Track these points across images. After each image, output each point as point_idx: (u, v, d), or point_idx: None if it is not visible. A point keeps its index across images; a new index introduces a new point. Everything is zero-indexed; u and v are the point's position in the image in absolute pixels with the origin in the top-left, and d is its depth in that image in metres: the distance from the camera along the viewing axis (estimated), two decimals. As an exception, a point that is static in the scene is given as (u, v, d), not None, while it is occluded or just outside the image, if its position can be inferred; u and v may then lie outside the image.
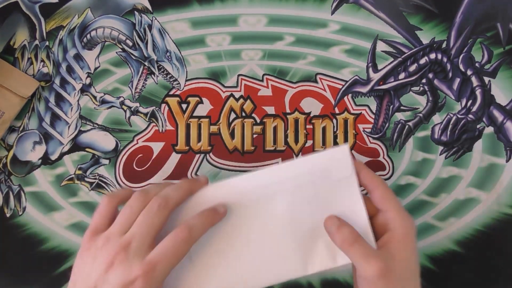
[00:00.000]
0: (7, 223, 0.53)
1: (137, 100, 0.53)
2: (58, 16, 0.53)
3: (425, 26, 0.53)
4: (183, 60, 0.53)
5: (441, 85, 0.53)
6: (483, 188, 0.52)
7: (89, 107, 0.53)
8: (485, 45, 0.53)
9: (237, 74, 0.53)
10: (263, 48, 0.53)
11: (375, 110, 0.53)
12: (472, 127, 0.53)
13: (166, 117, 0.53)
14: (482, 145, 0.53)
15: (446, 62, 0.53)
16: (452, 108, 0.53)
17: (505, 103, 0.53)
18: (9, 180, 0.53)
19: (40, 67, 0.53)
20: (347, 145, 0.43)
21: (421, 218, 0.52)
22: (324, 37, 0.53)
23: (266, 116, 0.53)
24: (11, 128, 0.53)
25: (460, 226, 0.52)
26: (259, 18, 0.53)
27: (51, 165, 0.53)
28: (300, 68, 0.53)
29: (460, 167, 0.53)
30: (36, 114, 0.53)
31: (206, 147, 0.53)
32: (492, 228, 0.52)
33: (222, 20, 0.53)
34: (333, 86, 0.53)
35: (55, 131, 0.53)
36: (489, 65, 0.53)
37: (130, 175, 0.53)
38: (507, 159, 0.52)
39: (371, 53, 0.53)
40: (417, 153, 0.53)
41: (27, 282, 0.52)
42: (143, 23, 0.53)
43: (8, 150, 0.53)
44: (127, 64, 0.53)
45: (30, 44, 0.53)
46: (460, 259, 0.52)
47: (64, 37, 0.53)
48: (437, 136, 0.53)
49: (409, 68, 0.53)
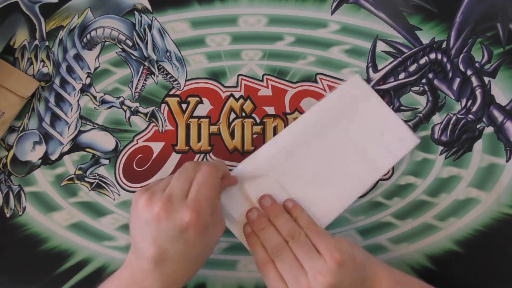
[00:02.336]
0: (7, 223, 0.53)
1: (137, 100, 0.53)
2: (58, 16, 0.53)
3: (425, 26, 0.53)
4: (183, 60, 0.53)
5: (441, 85, 0.53)
6: (483, 188, 0.52)
7: (89, 107, 0.53)
8: (485, 45, 0.53)
9: (237, 74, 0.53)
10: (263, 48, 0.53)
11: (375, 110, 0.53)
12: (472, 127, 0.53)
13: (166, 117, 0.53)
14: (482, 145, 0.53)
15: (446, 62, 0.53)
16: (452, 108, 0.53)
17: (505, 103, 0.53)
18: (9, 180, 0.53)
19: (40, 67, 0.53)
20: (358, 75, 0.51)
21: (421, 218, 0.52)
22: (324, 37, 0.53)
23: (266, 116, 0.53)
24: (11, 128, 0.53)
25: (460, 226, 0.52)
26: (259, 18, 0.53)
27: (51, 165, 0.53)
28: (300, 68, 0.53)
29: (460, 167, 0.53)
30: (36, 114, 0.53)
31: (206, 147, 0.53)
32: (492, 228, 0.52)
33: (222, 20, 0.53)
34: (333, 86, 0.53)
35: (55, 131, 0.53)
36: (489, 65, 0.53)
37: (130, 175, 0.53)
38: (507, 159, 0.52)
39: (371, 53, 0.53)
40: (417, 153, 0.53)
41: (27, 282, 0.52)
42: (143, 23, 0.53)
43: (8, 150, 0.53)
44: (127, 64, 0.53)
45: (30, 44, 0.53)
46: (460, 259, 0.52)
47: (64, 37, 0.53)
48: (437, 136, 0.53)
49: (409, 68, 0.53)
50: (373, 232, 0.52)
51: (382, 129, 0.50)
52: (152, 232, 0.40)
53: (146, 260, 0.41)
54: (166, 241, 0.40)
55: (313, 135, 0.50)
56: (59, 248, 0.53)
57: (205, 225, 0.41)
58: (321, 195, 0.49)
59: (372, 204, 0.52)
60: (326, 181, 0.49)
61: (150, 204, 0.41)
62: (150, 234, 0.40)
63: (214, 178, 0.43)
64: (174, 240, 0.40)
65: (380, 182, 0.53)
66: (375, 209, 0.52)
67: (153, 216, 0.40)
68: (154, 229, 0.40)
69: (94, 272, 0.52)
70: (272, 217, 0.46)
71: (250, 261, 0.52)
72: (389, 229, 0.52)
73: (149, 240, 0.40)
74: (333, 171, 0.49)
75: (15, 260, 0.52)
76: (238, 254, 0.52)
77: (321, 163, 0.49)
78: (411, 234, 0.52)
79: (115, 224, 0.53)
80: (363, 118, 0.50)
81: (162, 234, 0.40)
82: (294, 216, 0.47)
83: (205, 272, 0.52)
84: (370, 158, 0.49)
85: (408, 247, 0.52)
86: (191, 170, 0.43)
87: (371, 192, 0.52)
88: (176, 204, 0.40)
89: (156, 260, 0.40)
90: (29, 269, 0.52)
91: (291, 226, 0.45)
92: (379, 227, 0.52)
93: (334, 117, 0.50)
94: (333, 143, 0.50)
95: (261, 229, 0.46)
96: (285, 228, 0.45)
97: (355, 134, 0.50)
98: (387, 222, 0.52)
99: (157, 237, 0.40)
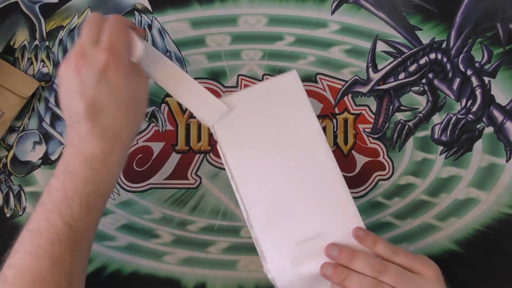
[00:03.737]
0: (7, 223, 0.53)
1: (137, 100, 0.53)
2: (58, 16, 0.53)
3: (425, 26, 0.53)
4: (183, 60, 0.53)
5: (441, 85, 0.53)
6: (483, 188, 0.52)
7: (89, 107, 0.53)
8: (485, 45, 0.53)
9: (237, 74, 0.53)
10: (263, 48, 0.53)
11: (375, 110, 0.53)
12: (472, 127, 0.53)
13: (166, 117, 0.53)
14: (482, 145, 0.53)
15: (446, 62, 0.53)
16: (452, 108, 0.53)
17: (505, 103, 0.53)
18: (9, 180, 0.53)
19: (40, 67, 0.53)
20: (294, 71, 0.47)
21: (421, 218, 0.52)
22: (324, 37, 0.53)
23: (266, 116, 0.53)
24: (11, 128, 0.53)
25: (460, 226, 0.52)
26: (259, 18, 0.53)
27: (51, 165, 0.53)
28: (300, 68, 0.53)
29: (460, 167, 0.53)
30: (36, 114, 0.53)
31: (206, 147, 0.53)
32: (492, 228, 0.52)
33: (222, 20, 0.53)
34: (333, 86, 0.53)
35: (55, 131, 0.53)
36: (489, 65, 0.53)
37: (130, 175, 0.53)
38: (507, 159, 0.52)
39: (371, 53, 0.53)
40: (417, 153, 0.53)
41: (27, 282, 0.52)
42: (143, 23, 0.53)
43: (8, 150, 0.53)
44: (127, 64, 0.53)
45: (30, 44, 0.53)
46: (460, 259, 0.52)
47: (64, 37, 0.53)
48: (437, 136, 0.53)
49: (409, 68, 0.53)
50: (373, 232, 0.52)
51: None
52: (76, 87, 0.38)
53: (81, 120, 0.38)
54: (91, 89, 0.38)
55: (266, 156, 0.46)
56: (59, 248, 0.53)
57: (125, 65, 0.40)
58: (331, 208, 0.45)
59: (372, 204, 0.52)
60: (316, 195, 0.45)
61: (67, 61, 0.39)
62: (76, 90, 0.38)
63: (123, 24, 0.42)
64: (99, 84, 0.38)
65: (380, 182, 0.53)
66: (375, 209, 0.52)
67: (72, 69, 0.38)
68: (77, 82, 0.38)
69: (94, 272, 0.52)
70: (347, 263, 0.42)
71: (250, 261, 0.52)
72: (389, 229, 0.52)
73: (77, 96, 0.38)
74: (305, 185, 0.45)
75: (15, 260, 0.52)
76: (238, 254, 0.52)
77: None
78: (411, 234, 0.52)
79: (115, 224, 0.53)
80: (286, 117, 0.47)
81: (86, 84, 0.38)
82: (368, 246, 0.43)
83: (205, 272, 0.52)
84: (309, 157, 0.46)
85: (408, 247, 0.52)
86: (99, 20, 0.41)
87: (371, 192, 0.52)
88: (89, 49, 0.39)
89: (89, 112, 0.38)
90: (29, 269, 0.52)
91: (373, 262, 0.41)
92: (379, 227, 0.52)
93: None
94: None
95: (343, 280, 0.41)
96: (369, 267, 0.41)
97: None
98: (387, 222, 0.52)
99: (82, 89, 0.38)
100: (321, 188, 0.45)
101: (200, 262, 0.52)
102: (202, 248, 0.52)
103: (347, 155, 0.52)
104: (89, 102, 0.38)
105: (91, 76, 0.38)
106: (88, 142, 0.39)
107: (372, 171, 0.53)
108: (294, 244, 0.44)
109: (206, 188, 0.53)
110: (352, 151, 0.53)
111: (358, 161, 0.53)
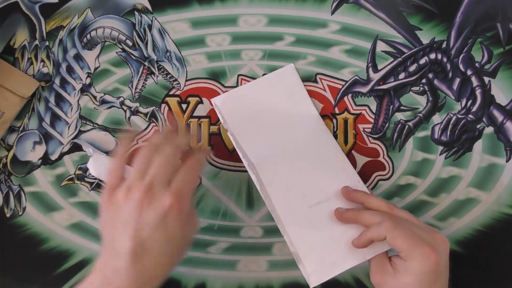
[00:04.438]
0: (7, 223, 0.53)
1: (137, 100, 0.53)
2: (58, 16, 0.53)
3: (425, 26, 0.53)
4: (183, 60, 0.53)
5: (441, 85, 0.53)
6: (483, 188, 0.52)
7: (89, 107, 0.53)
8: (485, 45, 0.53)
9: (237, 74, 0.53)
10: (263, 48, 0.53)
11: (375, 110, 0.53)
12: (472, 127, 0.53)
13: (166, 117, 0.53)
14: (482, 145, 0.53)
15: (446, 62, 0.53)
16: (452, 108, 0.53)
17: (505, 103, 0.53)
18: (9, 180, 0.53)
19: (40, 67, 0.53)
20: (291, 64, 0.53)
21: (421, 218, 0.52)
22: (324, 37, 0.53)
23: (266, 116, 0.53)
24: (11, 128, 0.53)
25: (460, 226, 0.52)
26: (259, 18, 0.53)
27: (51, 165, 0.53)
28: (300, 68, 0.53)
29: (460, 167, 0.53)
30: (36, 114, 0.53)
31: (206, 147, 0.53)
32: (492, 228, 0.52)
33: (222, 20, 0.53)
34: (333, 86, 0.53)
35: (55, 131, 0.53)
36: (489, 65, 0.53)
37: (130, 175, 0.53)
38: (507, 159, 0.52)
39: (371, 53, 0.53)
40: (417, 153, 0.53)
41: (27, 282, 0.52)
42: (143, 23, 0.53)
43: (8, 150, 0.53)
44: (127, 64, 0.53)
45: (30, 44, 0.53)
46: (460, 259, 0.52)
47: (64, 37, 0.53)
48: (437, 136, 0.53)
49: (409, 68, 0.53)
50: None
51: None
52: (132, 224, 0.38)
53: (123, 256, 0.38)
54: (146, 231, 0.38)
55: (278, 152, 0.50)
56: (59, 248, 0.53)
57: (186, 212, 0.40)
58: None
59: (372, 204, 0.52)
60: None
61: (130, 194, 0.39)
62: (132, 227, 0.38)
63: (199, 170, 0.43)
64: (155, 228, 0.38)
65: (380, 182, 0.53)
66: (375, 209, 0.52)
67: (134, 203, 0.38)
68: (135, 219, 0.38)
69: (94, 272, 0.52)
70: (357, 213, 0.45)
71: (250, 261, 0.52)
72: (389, 229, 0.52)
73: (130, 233, 0.38)
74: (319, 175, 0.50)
75: (15, 260, 0.52)
76: (238, 254, 0.52)
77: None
78: (411, 234, 0.52)
79: (115, 224, 0.53)
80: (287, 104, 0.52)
81: (143, 223, 0.38)
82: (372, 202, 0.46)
83: (205, 272, 0.52)
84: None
85: (408, 247, 0.52)
86: (173, 157, 0.41)
87: (371, 192, 0.52)
88: (159, 190, 0.39)
89: (134, 253, 0.38)
90: (29, 269, 0.52)
91: (382, 204, 0.44)
92: (379, 227, 0.52)
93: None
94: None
95: (358, 213, 0.44)
96: (381, 206, 0.44)
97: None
98: (387, 222, 0.52)
99: (138, 227, 0.38)
100: (326, 162, 0.50)
101: (200, 262, 0.52)
102: (202, 248, 0.52)
103: (347, 155, 0.52)
104: (139, 243, 0.38)
105: (152, 218, 0.39)
106: (121, 280, 0.38)
107: (372, 171, 0.53)
108: (307, 207, 0.48)
109: (206, 188, 0.53)
110: (352, 151, 0.53)
111: (358, 161, 0.53)
